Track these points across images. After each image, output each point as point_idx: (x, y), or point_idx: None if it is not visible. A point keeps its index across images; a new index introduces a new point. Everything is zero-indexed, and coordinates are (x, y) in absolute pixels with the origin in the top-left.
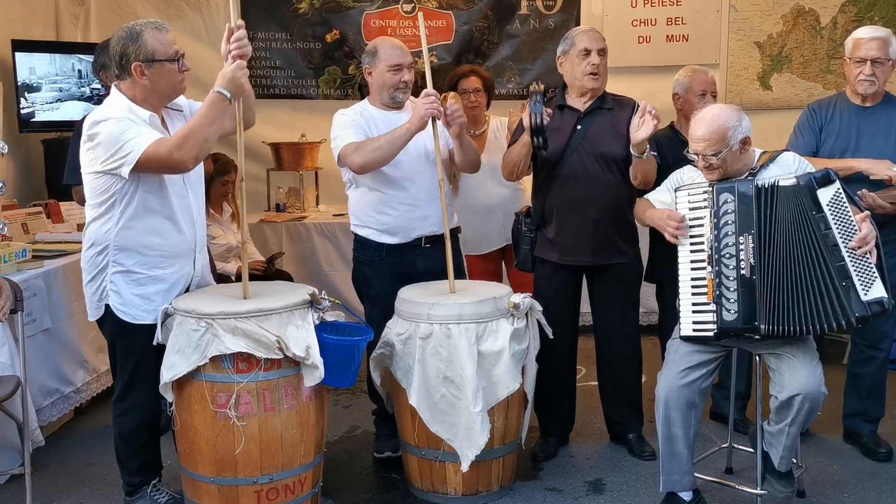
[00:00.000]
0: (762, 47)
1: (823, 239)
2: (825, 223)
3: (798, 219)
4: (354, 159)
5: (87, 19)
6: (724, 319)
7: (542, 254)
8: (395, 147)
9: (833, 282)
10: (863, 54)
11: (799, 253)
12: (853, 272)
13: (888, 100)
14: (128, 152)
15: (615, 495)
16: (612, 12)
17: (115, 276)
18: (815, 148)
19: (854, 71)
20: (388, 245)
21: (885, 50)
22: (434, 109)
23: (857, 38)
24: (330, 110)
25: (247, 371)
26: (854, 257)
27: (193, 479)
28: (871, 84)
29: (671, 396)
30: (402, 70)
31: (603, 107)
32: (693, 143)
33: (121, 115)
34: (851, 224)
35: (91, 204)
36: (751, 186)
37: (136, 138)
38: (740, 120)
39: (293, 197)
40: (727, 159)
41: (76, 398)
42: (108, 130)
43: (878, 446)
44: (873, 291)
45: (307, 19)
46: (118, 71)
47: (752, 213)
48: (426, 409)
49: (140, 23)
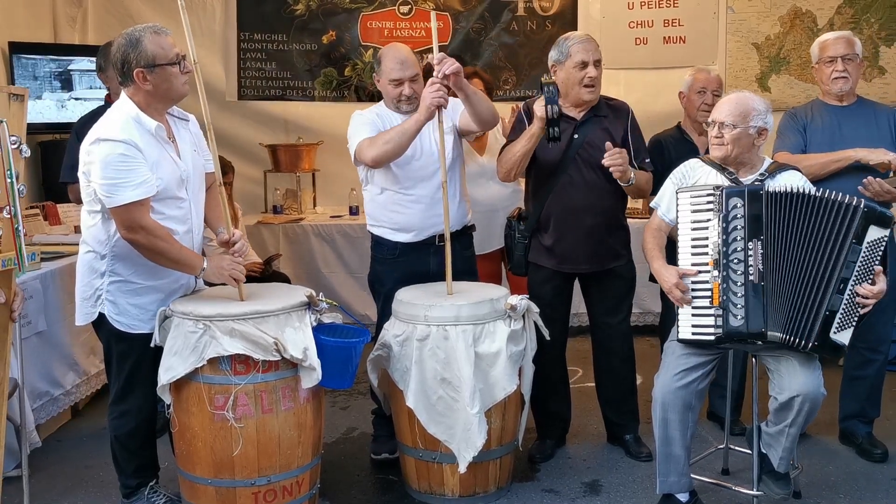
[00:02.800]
0: (760, 49)
1: (841, 267)
2: (854, 257)
3: (828, 236)
4: (367, 153)
5: (84, 21)
6: (731, 325)
7: (538, 260)
8: (406, 139)
9: (821, 306)
10: (832, 53)
11: (808, 266)
12: (841, 310)
13: (861, 102)
14: (111, 194)
15: (612, 496)
16: (610, 14)
17: (112, 287)
18: (803, 147)
19: (826, 71)
20: (403, 244)
21: (852, 47)
22: (440, 98)
23: (823, 41)
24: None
25: (244, 373)
26: (852, 299)
27: (191, 481)
28: (846, 81)
29: (668, 398)
30: (402, 84)
31: (599, 114)
32: (715, 110)
33: (126, 136)
34: (872, 270)
35: (88, 210)
36: (762, 192)
37: (126, 187)
38: (767, 111)
39: (290, 199)
40: (740, 139)
41: (65, 401)
42: (105, 157)
43: (873, 447)
44: (841, 336)
45: (303, 21)
46: (121, 78)
47: (761, 219)
48: (423, 411)
49: (139, 28)
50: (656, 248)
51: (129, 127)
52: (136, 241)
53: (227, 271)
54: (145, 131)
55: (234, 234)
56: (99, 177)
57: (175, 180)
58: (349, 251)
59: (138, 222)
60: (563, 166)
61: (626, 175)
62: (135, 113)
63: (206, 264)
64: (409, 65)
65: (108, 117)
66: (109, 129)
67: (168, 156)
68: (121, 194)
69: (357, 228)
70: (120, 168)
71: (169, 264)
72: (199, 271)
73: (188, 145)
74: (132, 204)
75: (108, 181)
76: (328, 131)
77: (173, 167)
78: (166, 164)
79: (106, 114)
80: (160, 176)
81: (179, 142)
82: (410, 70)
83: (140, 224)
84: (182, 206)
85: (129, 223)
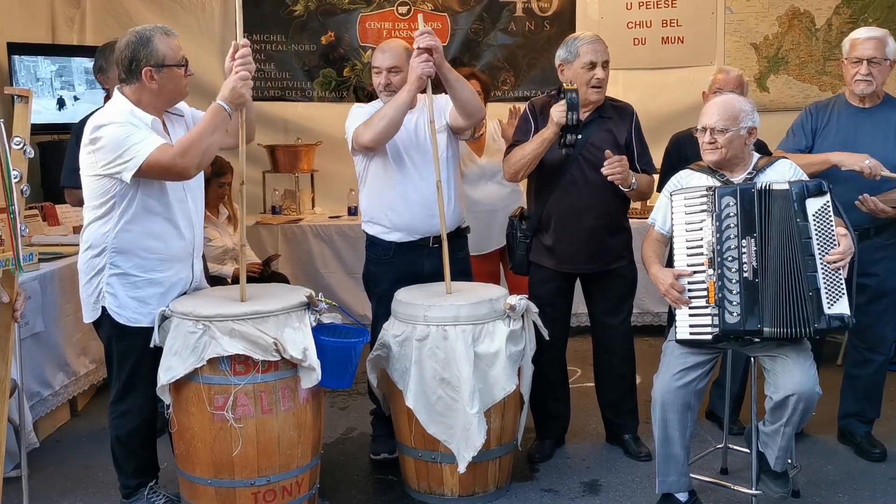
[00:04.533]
0: (758, 49)
1: (803, 247)
2: (807, 232)
3: (786, 224)
4: (365, 135)
5: (83, 22)
6: (727, 322)
7: (539, 259)
8: (399, 112)
9: (804, 289)
10: (859, 54)
11: (787, 258)
12: (822, 284)
13: (888, 101)
14: (130, 157)
15: (611, 496)
16: (608, 14)
17: (112, 279)
18: (802, 148)
19: (851, 71)
20: (397, 243)
21: (882, 50)
22: (428, 66)
23: (854, 39)
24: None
25: (244, 373)
26: (827, 270)
27: (191, 482)
28: (868, 84)
29: (667, 398)
30: (381, 73)
31: (603, 115)
32: (704, 117)
33: (123, 119)
34: (832, 237)
35: (90, 206)
36: (752, 189)
37: (140, 143)
38: (753, 110)
39: (289, 199)
40: (732, 142)
41: (54, 401)
42: (110, 134)
43: (872, 447)
44: (837, 307)
45: (302, 21)
46: (125, 75)
47: (753, 216)
48: (423, 411)
49: (149, 28)
50: (654, 255)
51: (126, 117)
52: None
53: (239, 88)
54: (142, 124)
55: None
56: (112, 153)
57: None
58: (348, 251)
59: (172, 158)
60: (566, 166)
61: (627, 181)
62: (129, 108)
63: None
64: (389, 56)
65: (102, 111)
66: (109, 116)
67: None
68: (140, 152)
69: (356, 229)
70: (129, 135)
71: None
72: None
73: None
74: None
75: (122, 150)
76: (327, 132)
77: None
78: None
79: (101, 109)
80: None
81: (174, 137)
82: (389, 61)
83: (174, 159)
84: (182, 200)
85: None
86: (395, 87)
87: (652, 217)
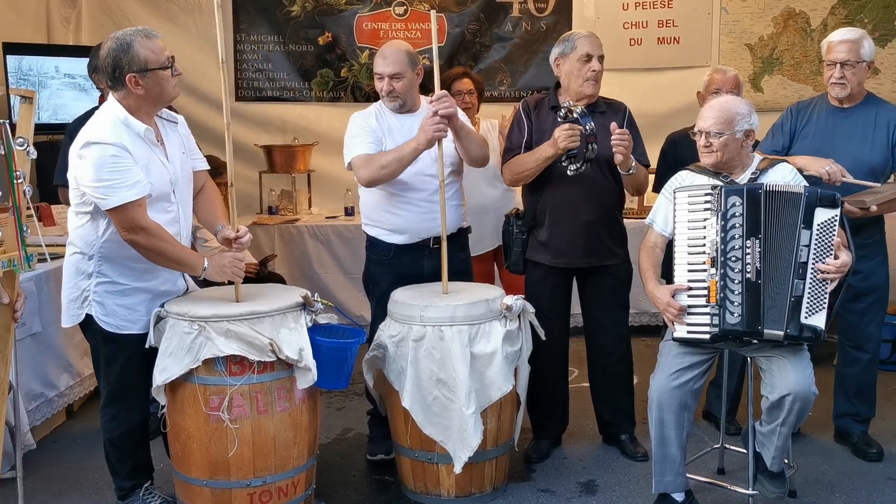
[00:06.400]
0: (753, 49)
1: (797, 254)
2: (808, 241)
3: (788, 228)
4: (362, 174)
5: (78, 22)
6: (728, 322)
7: (534, 256)
8: (402, 165)
9: (788, 294)
10: (832, 57)
11: (783, 258)
12: (806, 293)
13: (868, 101)
14: (106, 196)
15: (608, 496)
16: (604, 14)
17: (99, 288)
18: (779, 149)
19: (826, 73)
20: (397, 245)
21: (856, 52)
22: (441, 132)
23: (829, 42)
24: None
25: (240, 374)
26: (815, 280)
27: (186, 482)
28: (842, 87)
29: (664, 398)
30: (382, 79)
31: (596, 110)
32: (700, 120)
33: (115, 138)
34: (830, 250)
35: (76, 211)
36: (759, 190)
37: (120, 186)
38: (750, 112)
39: (285, 199)
40: (728, 145)
41: (59, 402)
42: (95, 159)
43: (868, 446)
44: (814, 318)
45: (299, 22)
46: (111, 83)
47: (759, 217)
48: (419, 411)
49: (129, 32)
50: (650, 267)
51: (118, 130)
52: (137, 241)
53: (228, 269)
54: (134, 134)
55: (240, 230)
56: (92, 180)
57: (164, 183)
58: (344, 252)
59: (137, 223)
60: (560, 161)
61: (628, 162)
62: (123, 116)
63: (206, 263)
64: (390, 61)
65: (97, 121)
66: (99, 133)
67: (157, 159)
68: (116, 195)
69: (352, 229)
70: (113, 169)
71: (170, 265)
72: (200, 271)
73: (176, 147)
74: (129, 204)
75: (102, 183)
76: (324, 132)
77: (162, 170)
78: (155, 167)
79: (94, 117)
80: (149, 179)
81: (168, 144)
82: (391, 67)
83: (139, 224)
84: (171, 210)
85: (127, 224)
86: (397, 92)
87: (650, 218)
